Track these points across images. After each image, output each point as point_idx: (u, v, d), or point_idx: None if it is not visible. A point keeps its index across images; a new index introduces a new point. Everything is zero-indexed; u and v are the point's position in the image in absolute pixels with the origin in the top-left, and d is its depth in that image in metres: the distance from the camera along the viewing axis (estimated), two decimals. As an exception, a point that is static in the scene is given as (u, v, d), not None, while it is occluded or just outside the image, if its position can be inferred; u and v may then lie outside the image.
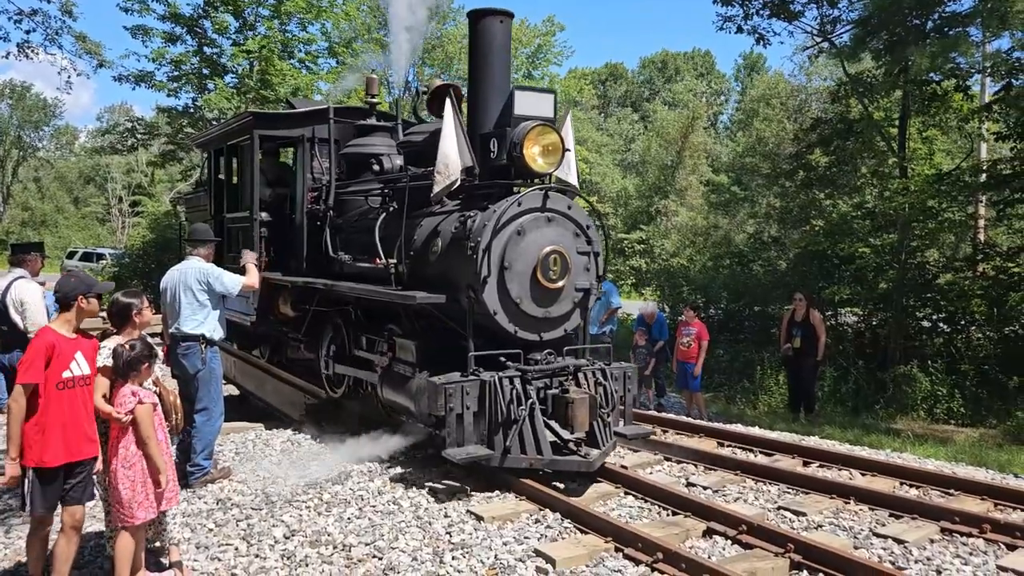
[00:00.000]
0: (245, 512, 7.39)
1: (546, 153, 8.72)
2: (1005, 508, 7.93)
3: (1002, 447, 12.70)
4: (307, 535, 6.84)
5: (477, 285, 8.42)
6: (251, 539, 6.79)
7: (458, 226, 8.70)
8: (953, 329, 19.86)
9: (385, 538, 6.79)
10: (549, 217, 8.73)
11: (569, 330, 9.04)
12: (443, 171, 8.81)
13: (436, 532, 6.97)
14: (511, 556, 6.43)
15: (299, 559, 6.35)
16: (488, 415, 8.32)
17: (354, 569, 6.17)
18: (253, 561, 6.34)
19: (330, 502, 7.71)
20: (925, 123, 22.89)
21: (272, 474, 8.73)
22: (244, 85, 28.93)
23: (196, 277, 8.70)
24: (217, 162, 13.50)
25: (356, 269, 10.40)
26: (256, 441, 10.23)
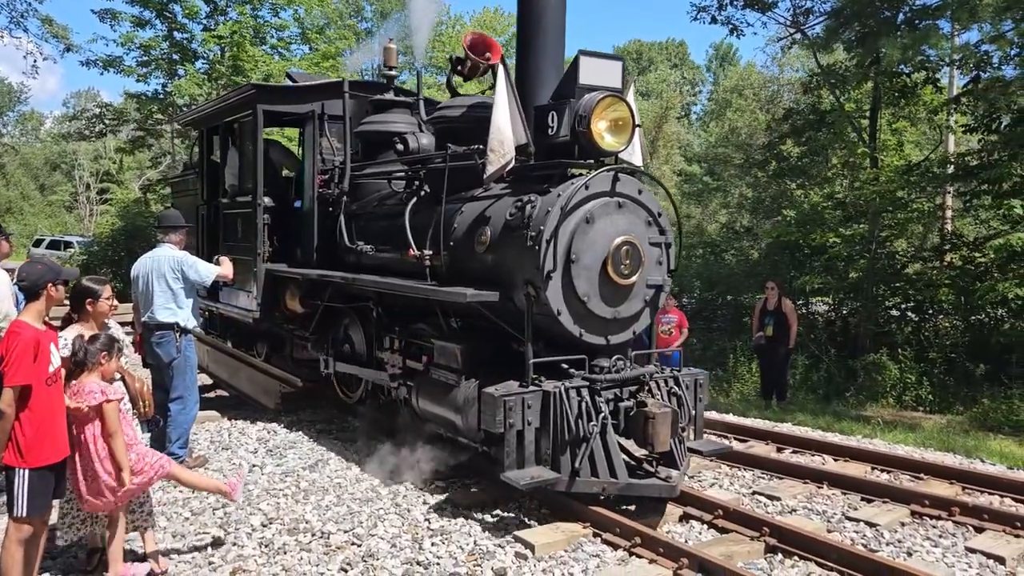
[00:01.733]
0: (222, 501, 6.86)
1: (615, 129, 6.99)
2: (972, 492, 7.76)
3: (969, 433, 12.51)
4: (285, 523, 6.49)
5: (539, 281, 6.71)
6: (228, 527, 6.41)
7: (514, 212, 6.92)
8: (921, 318, 19.45)
9: (364, 525, 6.46)
10: (620, 203, 7.01)
11: (638, 332, 7.27)
12: (497, 149, 7.04)
13: (415, 519, 6.62)
14: (490, 542, 6.15)
15: (277, 547, 6.02)
16: (552, 432, 6.61)
17: (333, 556, 5.86)
18: (231, 550, 5.99)
19: (308, 490, 7.28)
20: (895, 115, 22.40)
21: (248, 462, 8.14)
22: (215, 71, 26.69)
23: (170, 265, 8.02)
24: (210, 142, 11.44)
25: (378, 261, 8.59)
26: (232, 430, 9.42)
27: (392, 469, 7.77)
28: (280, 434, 9.23)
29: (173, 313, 7.98)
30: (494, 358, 7.23)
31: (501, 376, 6.89)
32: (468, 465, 7.83)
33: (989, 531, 6.66)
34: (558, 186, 6.95)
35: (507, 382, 6.78)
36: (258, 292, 9.62)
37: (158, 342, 7.99)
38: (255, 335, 11.38)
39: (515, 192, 7.28)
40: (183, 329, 8.04)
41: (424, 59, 30.63)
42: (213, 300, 10.90)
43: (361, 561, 5.77)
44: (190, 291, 8.14)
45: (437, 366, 7.49)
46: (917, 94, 21.13)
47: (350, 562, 5.75)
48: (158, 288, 7.95)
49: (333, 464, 8.05)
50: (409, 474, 7.69)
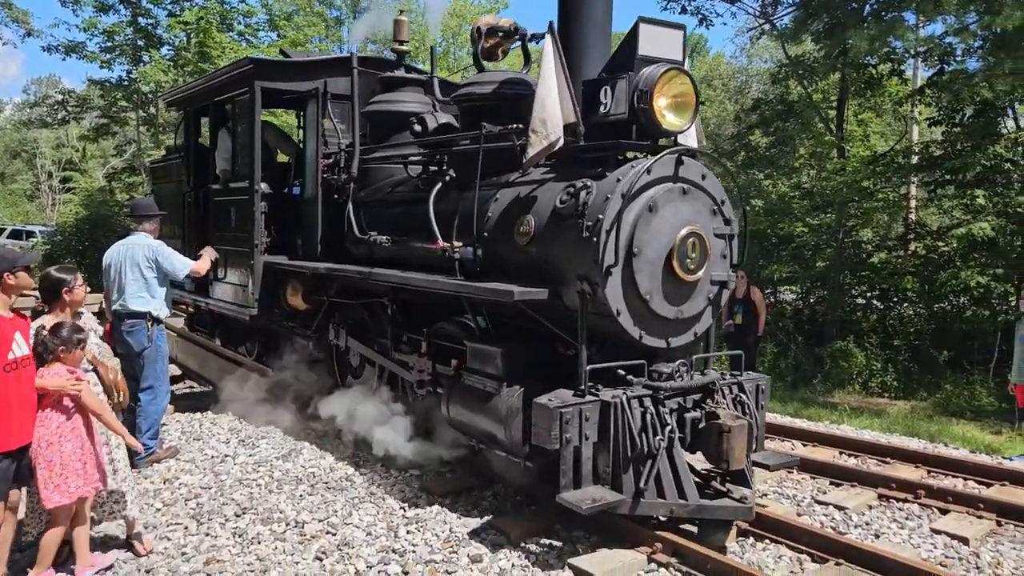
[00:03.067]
0: (194, 491, 6.66)
1: (678, 106, 5.88)
2: (937, 475, 7.71)
3: (932, 418, 12.52)
4: (259, 513, 6.21)
5: (597, 276, 5.62)
6: (201, 518, 6.12)
7: (566, 199, 5.78)
8: (886, 306, 18.99)
9: (339, 514, 6.19)
10: (685, 189, 5.91)
11: (699, 333, 6.17)
12: (540, 129, 5.91)
13: (390, 507, 6.36)
14: (465, 529, 5.92)
15: (251, 537, 5.77)
16: (612, 447, 5.55)
17: (308, 545, 5.63)
18: (204, 540, 5.73)
19: (281, 479, 6.96)
20: (862, 105, 21.54)
21: (220, 453, 7.70)
22: (181, 58, 24.98)
23: (144, 254, 7.59)
24: (197, 123, 10.06)
25: (394, 253, 7.41)
26: (203, 420, 8.92)
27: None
28: (253, 424, 8.69)
29: (145, 302, 7.54)
30: (537, 362, 6.14)
31: (546, 383, 5.83)
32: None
33: (953, 513, 6.59)
34: (615, 170, 5.80)
35: (557, 391, 5.72)
36: (256, 287, 8.34)
37: (129, 331, 7.52)
38: (246, 333, 10.07)
39: (560, 177, 6.16)
40: (155, 318, 7.57)
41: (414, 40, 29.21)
42: (203, 295, 9.57)
43: (336, 550, 5.50)
44: (163, 280, 7.70)
45: (471, 371, 6.33)
46: (883, 85, 20.54)
47: (325, 551, 5.49)
48: (131, 276, 7.50)
49: (307, 454, 7.62)
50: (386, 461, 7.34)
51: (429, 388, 6.95)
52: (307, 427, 8.44)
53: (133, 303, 7.47)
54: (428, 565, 5.32)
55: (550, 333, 6.19)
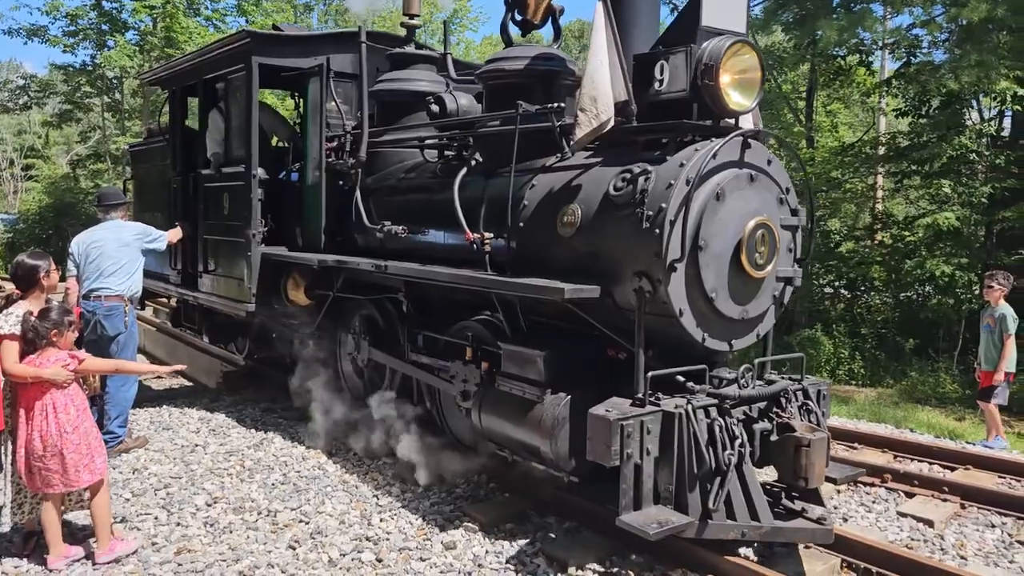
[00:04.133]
0: (164, 481, 6.36)
1: (743, 84, 5.06)
2: (903, 459, 7.55)
3: (898, 405, 12.49)
4: (230, 502, 5.95)
5: (658, 272, 4.82)
6: (171, 508, 5.84)
7: (621, 186, 4.94)
8: (854, 295, 18.99)
9: (311, 502, 5.94)
10: (752, 175, 5.05)
11: (762, 335, 5.38)
12: (590, 108, 5.08)
13: (363, 495, 6.11)
14: (439, 516, 5.69)
15: (223, 526, 5.53)
16: (676, 463, 4.76)
17: (280, 534, 5.40)
18: (174, 530, 5.49)
19: (253, 468, 6.65)
20: (830, 96, 20.88)
21: (191, 442, 7.33)
22: (147, 43, 23.60)
23: (134, 235, 7.29)
24: (183, 103, 9.00)
25: (410, 244, 6.52)
26: (172, 410, 8.47)
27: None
28: (223, 413, 8.31)
29: (127, 284, 7.15)
30: (582, 366, 5.34)
31: (594, 390, 5.07)
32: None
33: (919, 496, 6.50)
34: (675, 153, 4.96)
35: (611, 400, 4.92)
36: (252, 280, 7.36)
37: (107, 314, 7.03)
38: (236, 329, 9.08)
39: (610, 161, 5.32)
40: (130, 300, 7.19)
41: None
42: (190, 289, 8.56)
43: (309, 538, 5.29)
44: (143, 259, 7.40)
45: (507, 376, 5.46)
46: (851, 76, 20.30)
47: (298, 539, 5.27)
48: (118, 258, 7.10)
49: (278, 442, 7.28)
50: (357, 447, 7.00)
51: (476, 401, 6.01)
52: (278, 417, 8.07)
53: (116, 286, 7.04)
54: (402, 552, 5.09)
55: (594, 334, 5.37)
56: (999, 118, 18.03)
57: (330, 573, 4.87)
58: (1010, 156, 16.64)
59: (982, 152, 17.15)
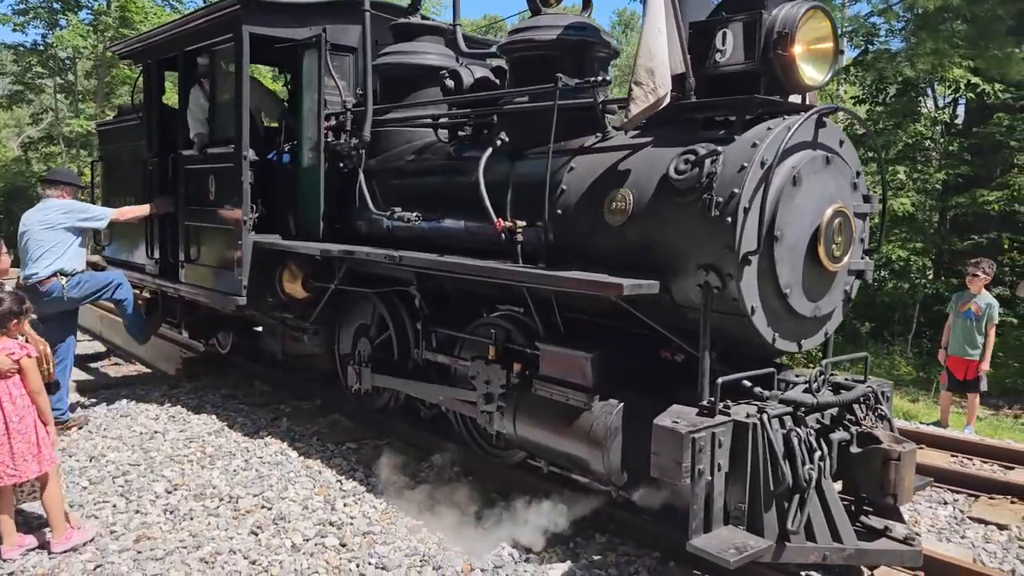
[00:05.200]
0: (122, 468, 5.98)
1: (817, 56, 4.35)
2: None
3: None
4: (191, 489, 5.60)
5: (729, 266, 4.13)
6: (130, 496, 5.47)
7: (683, 168, 4.20)
8: None
9: (274, 488, 5.60)
10: (828, 158, 4.34)
11: (830, 333, 4.72)
12: (646, 81, 4.34)
13: (327, 480, 5.77)
14: (404, 500, 5.37)
15: (183, 513, 5.22)
16: (750, 479, 4.08)
17: (242, 520, 5.10)
18: (133, 517, 5.16)
19: (214, 455, 6.29)
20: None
21: (149, 429, 6.88)
22: (101, 23, 22.13)
23: (59, 214, 6.78)
24: (159, 78, 7.98)
25: (423, 232, 5.69)
26: (130, 396, 7.93)
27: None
28: (183, 400, 7.80)
29: (57, 262, 6.70)
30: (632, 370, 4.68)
31: (647, 396, 4.45)
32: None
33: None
34: (743, 133, 4.23)
35: (673, 408, 4.21)
36: (244, 271, 6.48)
37: (46, 294, 6.66)
38: (219, 322, 8.17)
39: (664, 141, 4.58)
40: (67, 273, 6.75)
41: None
42: (170, 280, 7.61)
43: (272, 524, 5.05)
44: (78, 236, 6.89)
45: (546, 379, 4.71)
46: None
47: (261, 525, 5.02)
48: (45, 239, 6.68)
49: (240, 429, 6.88)
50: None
51: (501, 405, 5.24)
52: (240, 403, 7.63)
53: (43, 270, 6.63)
54: (366, 536, 4.86)
55: (644, 333, 4.67)
56: (953, 106, 17.81)
57: (293, 558, 4.61)
58: (963, 143, 16.47)
59: (936, 139, 17.00)
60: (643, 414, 4.44)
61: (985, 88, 15.28)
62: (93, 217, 6.95)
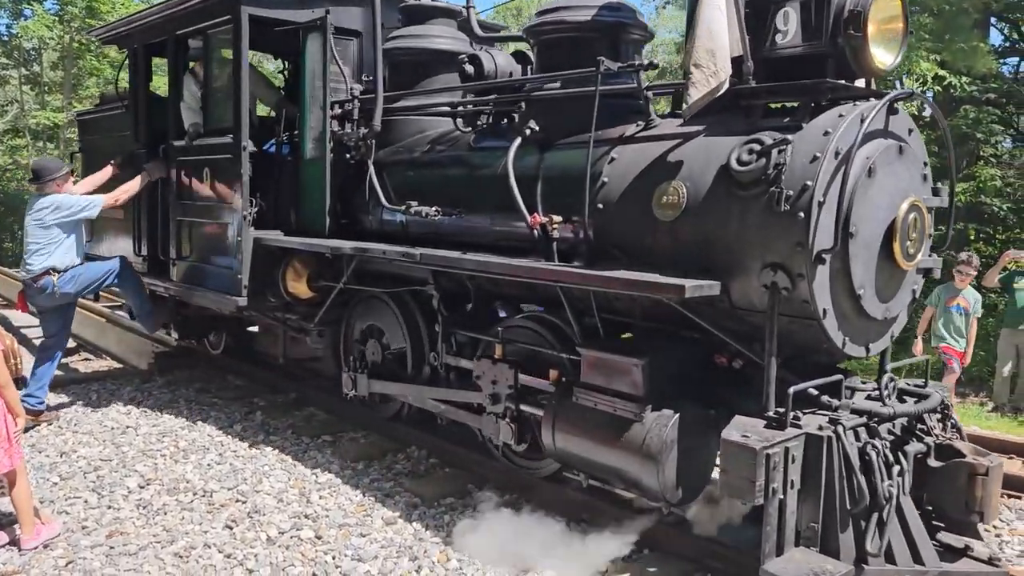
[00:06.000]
0: (93, 464, 5.73)
1: (888, 38, 3.91)
2: None
3: None
4: (164, 483, 5.38)
5: (801, 266, 3.66)
6: (102, 491, 5.25)
7: (747, 159, 3.72)
8: None
9: (248, 482, 5.39)
10: (901, 147, 3.88)
11: (895, 336, 4.28)
12: (707, 64, 3.89)
13: (301, 473, 5.56)
14: (379, 492, 5.22)
15: (156, 508, 5.01)
16: (825, 497, 3.63)
17: (217, 514, 4.91)
18: (105, 513, 4.94)
19: (187, 449, 6.02)
20: None
21: (121, 424, 6.61)
22: (67, 13, 21.13)
23: (48, 209, 6.41)
24: (147, 64, 7.31)
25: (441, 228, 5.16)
26: (101, 391, 7.64)
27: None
28: (155, 395, 7.51)
29: (48, 258, 6.42)
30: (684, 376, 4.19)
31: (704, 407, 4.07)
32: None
33: None
34: (811, 120, 3.76)
35: (739, 420, 3.74)
36: (244, 269, 5.89)
37: (40, 289, 6.49)
38: (210, 322, 7.56)
39: (718, 129, 4.11)
40: (59, 270, 6.46)
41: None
42: (161, 279, 6.99)
43: (247, 517, 4.89)
44: (70, 230, 6.52)
45: (589, 387, 4.21)
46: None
47: (235, 519, 4.86)
48: (37, 236, 6.41)
49: (214, 423, 6.61)
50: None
51: (509, 407, 4.78)
52: (213, 397, 7.32)
53: (37, 265, 6.38)
54: (342, 529, 4.72)
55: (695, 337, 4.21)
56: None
57: (268, 551, 4.46)
58: (930, 135, 16.26)
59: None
60: (696, 425, 4.03)
61: (952, 81, 15.06)
62: (83, 209, 6.50)
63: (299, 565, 4.32)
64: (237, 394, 7.38)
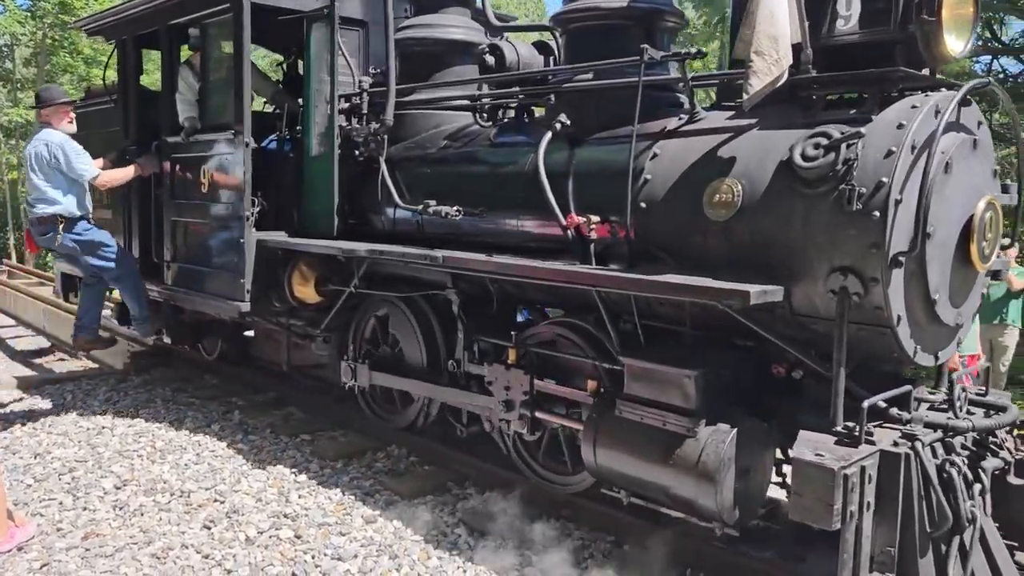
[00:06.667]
0: (69, 465, 5.48)
1: (959, 24, 3.55)
2: None
3: None
4: (140, 484, 5.15)
5: (874, 269, 3.31)
6: (77, 492, 5.03)
7: (813, 154, 3.33)
8: None
9: (227, 482, 5.17)
10: (975, 141, 3.52)
11: (961, 342, 3.94)
12: (769, 51, 3.52)
13: (280, 473, 5.31)
14: (359, 491, 5.02)
15: (133, 508, 4.80)
16: (901, 519, 3.27)
17: (194, 514, 4.73)
18: (81, 514, 4.74)
19: (164, 449, 5.76)
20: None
21: (97, 425, 6.31)
22: (39, 8, 20.32)
23: (47, 150, 5.84)
24: (137, 56, 6.75)
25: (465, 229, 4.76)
26: (76, 392, 7.34)
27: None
28: (132, 395, 7.19)
29: (52, 205, 5.93)
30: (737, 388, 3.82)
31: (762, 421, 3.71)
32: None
33: None
34: (880, 112, 3.37)
35: (807, 436, 3.36)
36: (247, 273, 5.40)
37: (42, 236, 6.08)
38: (205, 327, 7.05)
39: (772, 122, 3.70)
40: (66, 219, 5.95)
41: None
42: (154, 283, 6.46)
43: (225, 517, 4.70)
44: (71, 182, 5.97)
45: (635, 400, 3.80)
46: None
47: (213, 519, 4.68)
48: (36, 179, 5.90)
49: (191, 422, 6.37)
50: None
51: (525, 414, 4.38)
52: (190, 396, 7.03)
53: (42, 210, 5.93)
54: (321, 528, 4.57)
55: (748, 345, 3.83)
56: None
57: (247, 551, 4.31)
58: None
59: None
60: (752, 440, 3.65)
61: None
62: (75, 169, 5.93)
63: (278, 565, 4.18)
64: (214, 393, 7.12)
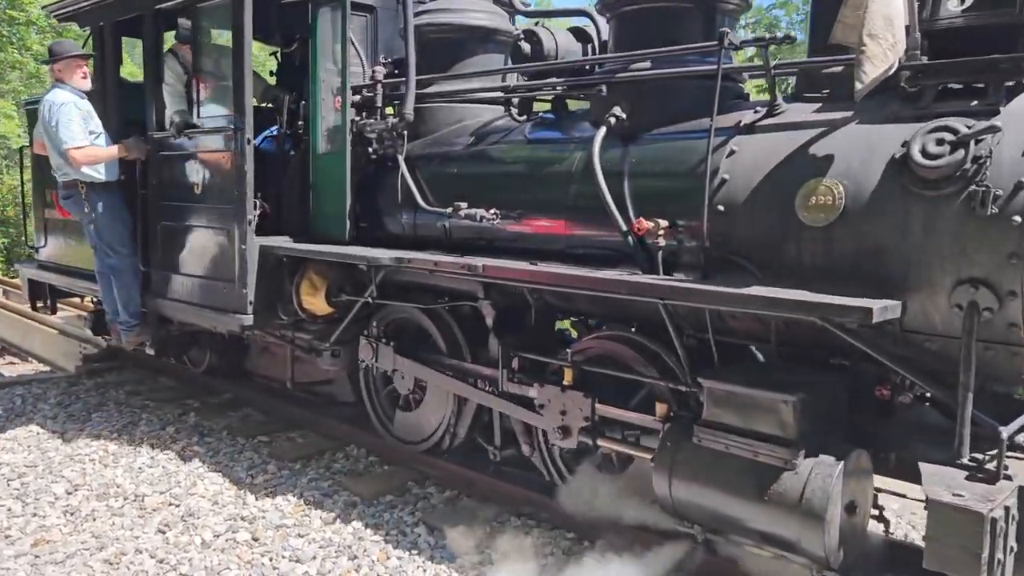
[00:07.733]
0: (18, 471, 5.20)
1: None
2: None
3: None
4: (93, 488, 4.92)
5: (1012, 282, 2.79)
6: (26, 498, 4.80)
7: (936, 151, 2.80)
8: None
9: (182, 485, 4.96)
10: (1100, 132, 3.02)
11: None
12: (884, 35, 2.98)
13: (237, 476, 5.08)
14: (317, 492, 4.80)
15: (85, 514, 4.58)
16: (1040, 563, 2.79)
17: (149, 518, 4.51)
18: (31, 520, 4.51)
19: (117, 453, 5.49)
20: None
21: (47, 429, 6.00)
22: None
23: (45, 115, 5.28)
24: (116, 45, 5.89)
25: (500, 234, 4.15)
26: (26, 395, 6.91)
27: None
28: (84, 398, 6.83)
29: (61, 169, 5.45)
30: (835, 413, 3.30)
31: (864, 450, 3.22)
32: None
33: None
34: (1007, 104, 2.86)
35: (935, 471, 2.89)
36: (249, 283, 4.67)
37: (65, 199, 5.64)
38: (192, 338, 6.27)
39: (873, 115, 3.16)
40: (89, 185, 5.40)
41: None
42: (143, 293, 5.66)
43: (180, 521, 4.46)
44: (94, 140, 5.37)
45: (717, 427, 3.24)
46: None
47: (168, 523, 4.43)
48: (47, 142, 5.41)
49: (145, 425, 6.07)
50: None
51: (586, 441, 3.78)
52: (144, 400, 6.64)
53: (62, 176, 5.47)
54: (279, 530, 4.39)
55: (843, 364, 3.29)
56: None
57: (203, 555, 4.14)
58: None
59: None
60: (856, 473, 3.12)
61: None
62: (57, 136, 5.26)
63: (235, 568, 4.00)
64: (170, 396, 6.76)
